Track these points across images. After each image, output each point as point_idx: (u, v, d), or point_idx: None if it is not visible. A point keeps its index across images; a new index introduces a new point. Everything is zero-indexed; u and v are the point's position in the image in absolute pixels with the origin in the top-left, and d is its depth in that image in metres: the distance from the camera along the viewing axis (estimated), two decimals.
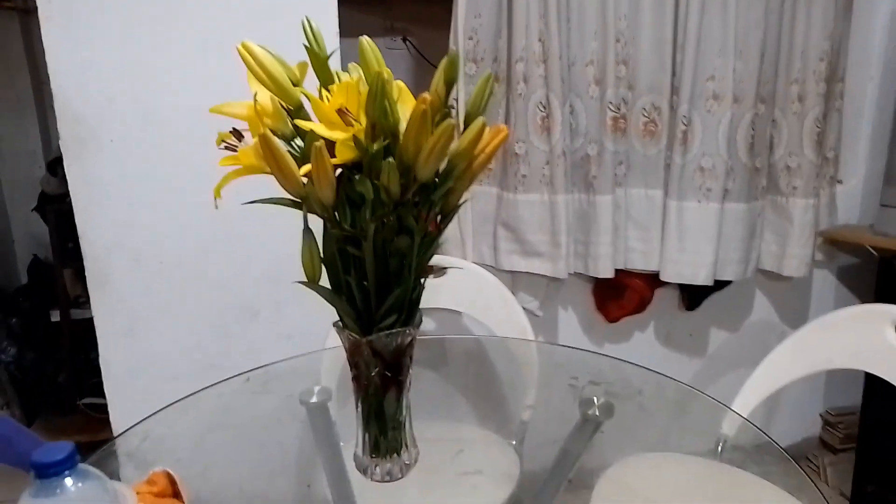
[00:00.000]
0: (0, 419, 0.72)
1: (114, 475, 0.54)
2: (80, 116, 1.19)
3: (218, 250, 1.31)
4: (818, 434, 1.88)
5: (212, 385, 0.88)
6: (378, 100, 0.48)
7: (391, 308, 0.60)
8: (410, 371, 0.65)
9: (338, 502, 0.72)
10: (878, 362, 0.92)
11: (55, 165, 1.76)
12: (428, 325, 1.53)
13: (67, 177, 1.23)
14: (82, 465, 0.45)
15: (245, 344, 1.38)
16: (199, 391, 0.88)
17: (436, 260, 1.32)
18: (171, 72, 1.20)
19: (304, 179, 0.54)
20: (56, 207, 1.70)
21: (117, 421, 1.40)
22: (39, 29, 1.12)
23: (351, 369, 0.64)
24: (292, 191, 0.53)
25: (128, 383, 1.37)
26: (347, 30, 1.96)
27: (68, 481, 0.43)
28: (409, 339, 0.63)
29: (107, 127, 1.21)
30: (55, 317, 1.84)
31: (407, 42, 1.91)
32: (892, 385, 0.87)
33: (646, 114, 1.41)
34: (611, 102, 1.38)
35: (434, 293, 1.25)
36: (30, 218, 1.94)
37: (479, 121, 0.52)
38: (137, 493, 0.53)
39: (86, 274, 1.30)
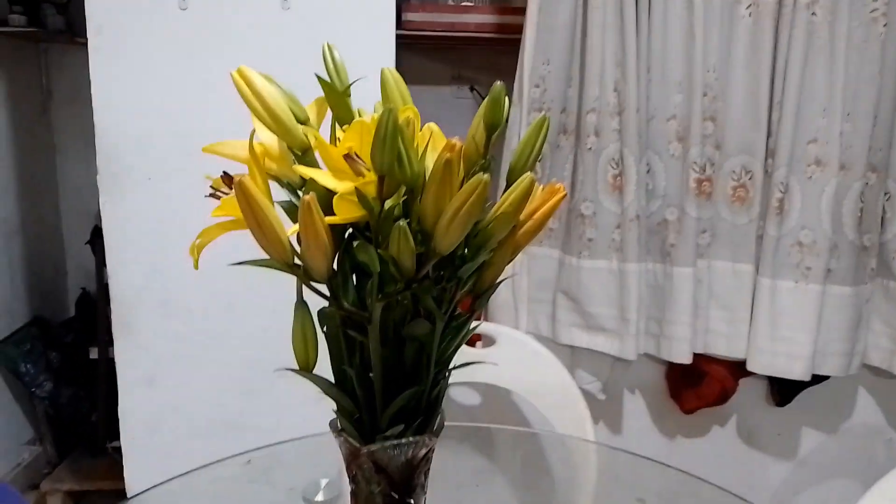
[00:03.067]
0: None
1: None
2: (117, 152, 1.14)
3: (247, 301, 1.21)
4: None
5: (206, 465, 0.76)
6: (388, 143, 0.35)
7: (401, 411, 0.46)
8: (425, 492, 0.50)
9: None
10: None
11: None
12: (472, 399, 1.37)
13: (101, 214, 1.18)
14: None
15: (270, 403, 1.27)
16: (192, 470, 0.76)
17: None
18: (212, 111, 1.14)
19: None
20: (104, 242, 1.67)
21: (131, 475, 1.31)
22: None
23: (350, 483, 0.50)
24: (275, 255, 0.41)
25: (145, 436, 1.28)
26: (414, 77, 1.91)
27: None
28: (425, 451, 0.49)
29: (143, 164, 1.15)
30: (94, 354, 1.79)
31: (474, 91, 1.83)
32: None
33: (735, 177, 1.24)
34: (695, 162, 1.22)
35: (480, 366, 1.10)
36: (84, 251, 1.92)
37: (526, 177, 0.38)
38: None
39: (111, 317, 1.23)
